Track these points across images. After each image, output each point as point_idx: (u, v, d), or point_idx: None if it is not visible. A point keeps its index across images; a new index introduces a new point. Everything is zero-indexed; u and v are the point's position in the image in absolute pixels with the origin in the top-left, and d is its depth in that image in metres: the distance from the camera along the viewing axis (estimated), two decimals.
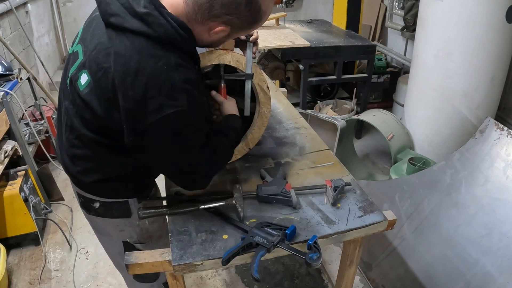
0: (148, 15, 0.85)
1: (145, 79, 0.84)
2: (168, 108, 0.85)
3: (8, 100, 2.22)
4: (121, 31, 0.87)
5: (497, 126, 1.75)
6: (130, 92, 0.85)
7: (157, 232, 1.24)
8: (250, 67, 1.18)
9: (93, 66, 0.90)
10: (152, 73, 0.84)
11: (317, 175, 1.29)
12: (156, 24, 0.86)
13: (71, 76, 0.97)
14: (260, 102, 1.27)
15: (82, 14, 4.98)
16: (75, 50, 1.00)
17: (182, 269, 0.96)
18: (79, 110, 0.96)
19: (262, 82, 1.24)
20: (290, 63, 3.77)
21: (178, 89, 0.87)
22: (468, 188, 1.75)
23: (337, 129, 2.71)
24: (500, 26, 2.13)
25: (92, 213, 1.17)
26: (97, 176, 1.06)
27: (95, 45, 0.91)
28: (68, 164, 1.09)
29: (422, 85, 2.54)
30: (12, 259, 2.20)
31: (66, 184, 2.85)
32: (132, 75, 0.84)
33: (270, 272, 2.07)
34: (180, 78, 0.87)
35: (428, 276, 1.72)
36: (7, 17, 3.17)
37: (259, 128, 1.32)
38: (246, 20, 0.93)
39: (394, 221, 1.12)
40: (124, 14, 0.86)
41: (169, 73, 0.85)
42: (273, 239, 0.96)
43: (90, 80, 0.91)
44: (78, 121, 0.98)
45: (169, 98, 0.86)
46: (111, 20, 0.87)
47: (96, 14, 0.97)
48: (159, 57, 0.86)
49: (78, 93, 0.94)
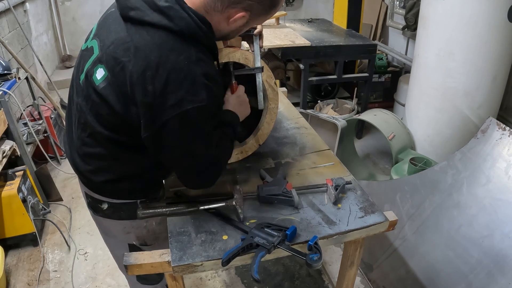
0: (169, 8, 0.85)
1: (166, 73, 0.83)
2: (188, 103, 0.85)
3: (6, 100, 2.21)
4: (140, 25, 0.87)
5: (499, 126, 1.74)
6: (150, 87, 0.84)
7: (163, 234, 1.22)
8: (259, 60, 1.18)
9: (110, 60, 0.89)
10: (173, 67, 0.84)
11: (317, 175, 1.28)
12: (178, 17, 0.85)
13: (86, 71, 0.96)
14: (269, 98, 1.28)
15: (81, 13, 4.98)
16: (89, 46, 0.99)
17: (181, 270, 0.96)
18: (94, 106, 0.95)
19: (270, 79, 1.25)
20: (290, 62, 3.76)
21: (198, 84, 0.86)
22: (469, 189, 1.73)
23: (338, 129, 2.70)
24: (502, 25, 2.12)
25: (100, 214, 1.16)
26: (108, 175, 1.05)
27: (113, 40, 0.90)
28: (79, 163, 1.07)
29: (423, 85, 2.53)
30: (10, 260, 2.19)
31: (65, 185, 2.84)
32: (152, 69, 0.83)
33: (270, 273, 2.06)
34: (200, 72, 0.86)
35: (430, 277, 1.71)
36: (5, 16, 3.16)
37: (268, 124, 1.32)
38: (266, 4, 0.93)
39: (395, 222, 1.11)
40: (144, 8, 0.86)
41: (190, 67, 0.85)
42: (274, 240, 0.95)
43: (107, 74, 0.90)
44: (92, 118, 0.96)
45: (190, 93, 0.85)
46: (131, 14, 0.87)
47: (111, 10, 0.97)
48: (180, 51, 0.85)
49: (94, 88, 0.93)
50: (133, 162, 1.04)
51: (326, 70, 3.74)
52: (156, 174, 1.14)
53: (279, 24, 3.50)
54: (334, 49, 3.02)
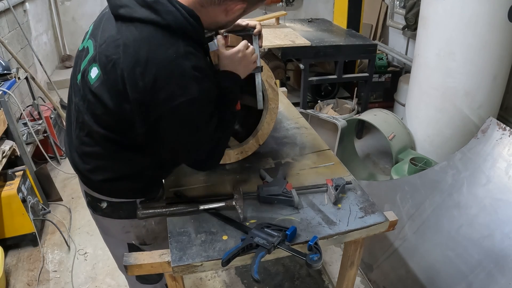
0: (157, 3, 0.86)
1: (154, 68, 0.84)
2: (179, 97, 0.85)
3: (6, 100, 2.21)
4: (130, 22, 0.87)
5: (499, 126, 1.74)
6: (140, 83, 0.84)
7: (163, 233, 1.22)
8: (259, 60, 1.18)
9: (102, 58, 0.90)
10: (162, 62, 0.84)
11: (317, 176, 1.28)
12: (165, 11, 0.86)
13: (82, 71, 0.97)
14: (269, 98, 1.28)
15: (80, 12, 4.98)
16: (85, 46, 1.00)
17: (181, 270, 0.95)
18: (90, 105, 0.96)
19: (270, 79, 1.25)
20: (290, 62, 3.76)
21: (188, 77, 0.86)
22: (470, 189, 1.73)
23: (338, 129, 2.70)
24: (502, 25, 2.11)
25: (99, 213, 1.16)
26: (106, 174, 1.06)
27: (105, 38, 0.91)
28: (78, 162, 1.08)
29: (424, 85, 2.53)
30: (10, 260, 2.19)
31: (65, 185, 2.84)
32: (141, 65, 0.84)
33: (270, 273, 2.06)
34: (190, 65, 0.86)
35: (430, 277, 1.71)
36: (4, 16, 3.16)
37: (268, 124, 1.32)
38: None
39: (395, 222, 1.11)
40: (133, 5, 0.87)
41: (178, 61, 0.85)
42: (274, 240, 0.95)
43: (100, 73, 0.91)
44: (89, 118, 0.97)
45: (180, 87, 0.85)
46: (120, 12, 0.88)
47: (106, 11, 0.98)
48: (168, 45, 0.85)
49: (89, 88, 0.94)
50: (131, 161, 1.05)
51: (326, 70, 3.74)
52: (155, 173, 1.14)
53: (279, 24, 3.50)
54: (334, 49, 3.02)
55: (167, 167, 1.19)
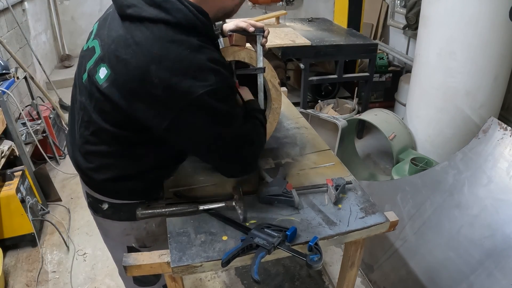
0: (166, 1, 0.87)
1: (169, 64, 0.84)
2: (197, 88, 0.85)
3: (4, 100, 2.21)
4: (138, 22, 0.87)
5: (500, 125, 1.73)
6: (156, 80, 0.84)
7: (163, 235, 1.21)
8: (261, 61, 1.19)
9: (112, 59, 0.90)
10: (176, 57, 0.85)
11: (318, 176, 1.27)
12: (174, 9, 0.86)
13: (89, 71, 0.97)
14: (272, 98, 1.28)
15: (79, 12, 4.98)
16: (90, 46, 1.00)
17: (181, 271, 0.95)
18: (97, 104, 0.95)
19: (273, 79, 1.25)
20: (290, 62, 3.75)
21: (204, 69, 0.87)
22: (471, 189, 1.73)
23: (338, 129, 2.69)
24: (503, 25, 2.11)
25: (100, 214, 1.16)
26: (109, 173, 1.05)
27: (113, 38, 0.91)
28: (80, 161, 1.07)
29: (424, 84, 2.52)
30: (9, 260, 2.18)
31: (64, 185, 2.83)
32: (156, 62, 0.84)
33: (270, 274, 2.05)
34: (205, 58, 0.87)
35: (431, 278, 1.70)
36: (3, 15, 3.15)
37: (271, 124, 1.32)
38: None
39: (396, 222, 1.10)
40: (141, 4, 0.87)
41: (192, 55, 0.86)
42: (274, 241, 0.94)
43: (110, 73, 0.90)
44: (97, 116, 0.97)
45: (197, 79, 0.85)
46: (128, 12, 0.88)
47: (109, 11, 0.98)
48: (181, 42, 0.86)
49: (97, 87, 0.94)
50: (136, 161, 1.04)
51: (327, 70, 3.74)
52: (158, 174, 1.13)
53: (279, 23, 3.49)
54: (334, 48, 3.01)
55: (170, 168, 1.18)
